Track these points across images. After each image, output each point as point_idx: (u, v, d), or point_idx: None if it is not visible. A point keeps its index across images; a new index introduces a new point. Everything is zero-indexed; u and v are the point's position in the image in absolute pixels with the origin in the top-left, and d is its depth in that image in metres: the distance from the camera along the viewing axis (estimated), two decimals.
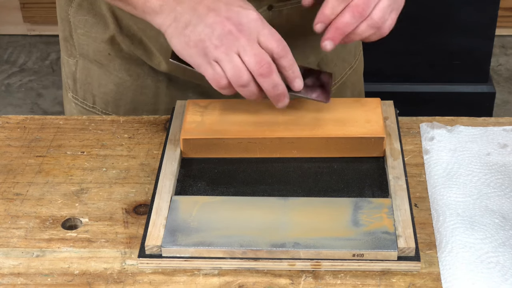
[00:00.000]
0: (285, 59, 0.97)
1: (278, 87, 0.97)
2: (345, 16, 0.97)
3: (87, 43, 1.19)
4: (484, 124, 1.10)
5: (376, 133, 1.01)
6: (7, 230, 0.96)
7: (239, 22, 0.95)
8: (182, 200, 0.95)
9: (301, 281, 0.88)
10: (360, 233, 0.90)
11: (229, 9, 0.95)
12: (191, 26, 0.95)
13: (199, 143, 1.02)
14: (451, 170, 1.02)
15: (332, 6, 0.98)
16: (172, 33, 0.97)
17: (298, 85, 0.99)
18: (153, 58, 1.16)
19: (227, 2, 0.96)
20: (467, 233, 0.92)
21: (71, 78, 1.24)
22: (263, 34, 0.95)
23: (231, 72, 0.95)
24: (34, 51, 3.11)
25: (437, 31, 2.34)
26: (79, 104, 1.25)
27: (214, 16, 0.95)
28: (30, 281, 0.89)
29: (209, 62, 0.96)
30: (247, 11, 0.95)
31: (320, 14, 0.99)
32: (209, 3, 0.96)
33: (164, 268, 0.90)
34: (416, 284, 0.87)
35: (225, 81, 0.96)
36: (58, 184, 1.02)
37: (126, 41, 1.16)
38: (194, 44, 0.95)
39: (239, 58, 0.95)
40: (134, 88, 1.20)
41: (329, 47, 0.99)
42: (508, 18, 2.98)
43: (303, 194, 0.97)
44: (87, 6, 1.16)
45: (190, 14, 0.96)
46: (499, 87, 2.85)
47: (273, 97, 0.98)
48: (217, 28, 0.94)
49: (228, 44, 0.94)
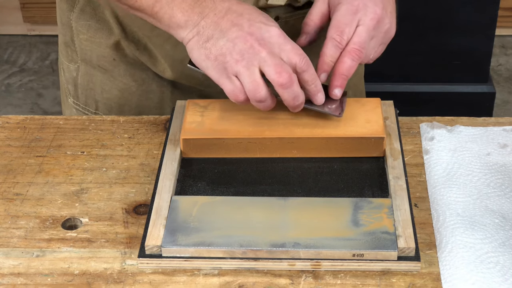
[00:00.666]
0: (307, 73, 0.98)
1: (298, 98, 0.98)
2: (346, 62, 1.01)
3: (91, 48, 1.18)
4: (484, 124, 1.10)
5: (376, 133, 1.01)
6: (7, 230, 0.96)
7: (261, 37, 0.96)
8: (182, 200, 0.95)
9: (301, 281, 0.88)
10: (360, 233, 0.90)
11: (251, 25, 0.96)
12: (213, 39, 0.97)
13: (199, 143, 1.02)
14: (451, 170, 1.02)
15: (330, 54, 1.01)
16: (193, 46, 0.98)
17: (320, 99, 1.01)
18: (158, 64, 1.16)
19: (250, 18, 0.97)
20: (467, 233, 0.92)
21: (72, 83, 1.24)
22: (285, 49, 0.96)
23: (249, 87, 0.96)
24: (34, 51, 3.11)
25: (437, 31, 2.34)
26: (80, 109, 1.24)
27: (236, 31, 0.96)
28: (30, 281, 0.89)
29: (228, 77, 0.97)
30: (269, 27, 0.97)
31: (321, 63, 1.01)
32: (232, 18, 0.97)
33: (164, 268, 0.90)
34: (416, 284, 0.87)
35: (243, 96, 0.97)
36: (58, 184, 1.02)
37: (131, 47, 1.16)
38: (214, 57, 0.96)
39: (259, 72, 0.96)
40: (139, 93, 1.20)
41: (339, 94, 1.02)
42: (508, 18, 2.98)
43: (303, 194, 0.97)
44: (90, 11, 1.16)
45: (213, 28, 0.97)
46: (499, 87, 2.85)
47: (292, 107, 1.00)
48: (238, 43, 0.95)
49: (249, 58, 0.95)
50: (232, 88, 0.97)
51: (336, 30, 1.00)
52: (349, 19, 1.00)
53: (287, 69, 0.96)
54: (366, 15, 1.01)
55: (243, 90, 0.97)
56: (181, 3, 0.98)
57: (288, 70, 0.96)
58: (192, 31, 0.98)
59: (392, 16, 1.04)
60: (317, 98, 1.01)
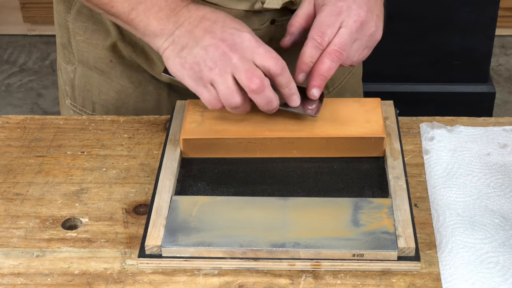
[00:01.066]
0: (281, 77, 0.98)
1: (271, 103, 0.98)
2: (325, 62, 1.00)
3: (87, 50, 1.18)
4: (484, 124, 1.10)
5: (376, 133, 1.01)
6: (7, 230, 0.96)
7: (233, 43, 0.96)
8: (182, 200, 0.95)
9: (301, 281, 0.88)
10: (360, 233, 0.90)
11: (224, 31, 0.96)
12: (188, 48, 0.97)
13: (199, 143, 1.02)
14: (451, 170, 1.02)
15: (310, 54, 1.01)
16: (168, 55, 0.98)
17: (295, 102, 1.01)
18: (154, 67, 1.16)
19: (223, 25, 0.97)
20: (467, 233, 0.92)
21: (69, 85, 1.24)
22: (258, 53, 0.96)
23: (223, 94, 0.96)
24: (34, 51, 3.11)
25: (437, 31, 2.34)
26: (78, 111, 1.24)
27: (209, 39, 0.96)
28: (30, 281, 0.89)
29: (204, 85, 0.97)
30: (241, 32, 0.97)
31: (300, 63, 1.01)
32: (206, 26, 0.97)
33: (164, 268, 0.90)
34: (416, 284, 0.87)
35: (220, 104, 0.98)
36: (58, 184, 1.02)
37: (127, 49, 1.16)
38: (189, 66, 0.97)
39: (233, 79, 0.96)
40: (136, 95, 1.20)
41: (317, 94, 1.02)
42: (508, 18, 2.98)
43: (303, 194, 0.97)
44: (87, 13, 1.16)
45: (187, 37, 0.97)
46: (499, 87, 2.85)
47: (266, 111, 1.00)
48: (211, 50, 0.96)
49: (222, 65, 0.95)
50: (209, 97, 0.97)
51: (317, 30, 1.00)
52: (332, 20, 1.00)
53: (258, 74, 0.96)
54: (350, 17, 1.00)
55: (219, 98, 0.97)
56: (158, 12, 0.99)
57: (259, 75, 0.96)
58: (168, 40, 0.98)
59: (379, 20, 1.04)
60: (292, 101, 1.01)
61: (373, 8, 1.03)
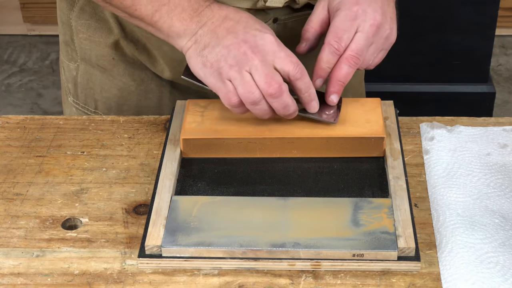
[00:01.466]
0: (301, 82, 0.98)
1: (289, 108, 0.98)
2: (342, 68, 1.01)
3: (90, 47, 1.19)
4: (484, 124, 1.10)
5: (376, 133, 1.01)
6: (7, 230, 0.96)
7: (255, 44, 0.96)
8: (182, 200, 0.95)
9: (301, 281, 0.88)
10: (360, 233, 0.90)
11: (246, 32, 0.97)
12: (210, 47, 0.97)
13: (199, 143, 1.02)
14: (451, 170, 1.02)
15: (327, 60, 1.01)
16: (191, 54, 0.99)
17: (314, 108, 1.01)
18: (156, 64, 1.16)
19: (245, 26, 0.98)
20: (467, 233, 0.92)
21: (72, 82, 1.24)
22: (279, 56, 0.96)
23: (242, 89, 0.96)
24: (34, 51, 3.11)
25: (437, 31, 2.34)
26: (80, 109, 1.24)
27: (231, 38, 0.97)
28: (30, 281, 0.89)
29: (223, 81, 0.97)
30: (264, 34, 0.97)
31: (317, 69, 1.01)
32: (228, 26, 0.98)
33: (164, 268, 0.90)
34: (416, 284, 0.87)
35: (236, 99, 0.97)
36: (58, 184, 1.02)
37: (130, 46, 1.16)
38: (210, 64, 0.97)
39: (250, 76, 0.96)
40: (138, 93, 1.20)
41: (336, 101, 1.02)
42: (508, 18, 2.98)
43: (303, 194, 0.97)
44: (90, 10, 1.16)
45: (209, 36, 0.98)
46: (499, 87, 2.85)
47: (283, 116, 1.00)
48: (233, 50, 0.96)
49: (241, 64, 0.96)
50: (226, 92, 0.97)
51: (334, 36, 1.00)
52: (348, 25, 1.00)
53: (278, 79, 0.96)
54: (365, 21, 1.00)
55: (236, 93, 0.97)
56: (181, 13, 0.99)
57: (278, 81, 0.96)
58: (191, 40, 0.99)
59: (393, 22, 1.04)
60: (310, 107, 1.01)
61: (387, 10, 1.03)
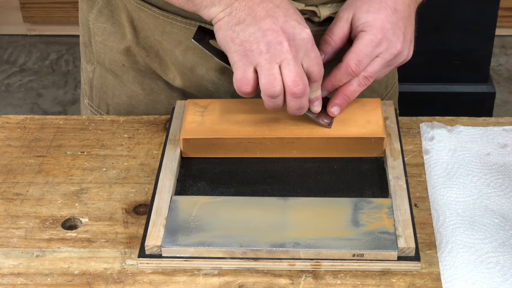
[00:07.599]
0: (316, 84, 0.99)
1: (302, 110, 0.99)
2: (352, 85, 1.02)
3: (104, 51, 1.18)
4: (484, 124, 1.10)
5: (376, 133, 1.01)
6: (7, 230, 0.96)
7: (293, 37, 0.94)
8: (182, 200, 0.95)
9: (301, 281, 0.88)
10: (360, 233, 0.90)
11: (286, 21, 0.95)
12: (244, 24, 0.94)
13: (199, 143, 1.02)
14: (451, 170, 1.02)
15: (340, 78, 1.02)
16: (221, 26, 0.96)
17: (317, 108, 1.01)
18: (168, 72, 1.15)
19: (286, 14, 0.95)
20: (467, 233, 0.92)
21: (88, 84, 1.24)
22: (309, 56, 0.96)
23: (265, 80, 0.95)
24: (34, 51, 3.11)
25: (437, 31, 2.34)
26: (94, 112, 1.24)
27: (270, 23, 0.94)
28: (30, 281, 0.89)
29: (246, 64, 0.95)
30: (303, 28, 0.95)
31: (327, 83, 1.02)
32: (268, 8, 0.95)
33: (164, 268, 0.90)
34: (416, 284, 0.87)
35: (249, 88, 0.96)
36: (58, 184, 1.02)
37: (142, 53, 1.15)
38: (240, 42, 0.94)
39: (279, 69, 0.95)
40: (146, 102, 1.19)
41: (337, 113, 1.03)
42: (508, 18, 2.98)
43: (303, 194, 0.97)
44: (107, 13, 1.15)
45: (246, 12, 0.95)
46: (499, 87, 2.85)
47: (291, 113, 0.99)
48: (269, 35, 0.94)
49: (274, 54, 0.94)
50: (242, 76, 0.95)
51: (354, 57, 1.00)
52: (370, 51, 1.00)
53: (305, 81, 0.95)
54: (387, 50, 1.01)
55: (252, 83, 0.95)
56: None
57: (305, 82, 0.95)
58: (225, 10, 0.95)
59: (411, 43, 1.04)
60: (314, 105, 1.01)
61: (408, 33, 1.03)
